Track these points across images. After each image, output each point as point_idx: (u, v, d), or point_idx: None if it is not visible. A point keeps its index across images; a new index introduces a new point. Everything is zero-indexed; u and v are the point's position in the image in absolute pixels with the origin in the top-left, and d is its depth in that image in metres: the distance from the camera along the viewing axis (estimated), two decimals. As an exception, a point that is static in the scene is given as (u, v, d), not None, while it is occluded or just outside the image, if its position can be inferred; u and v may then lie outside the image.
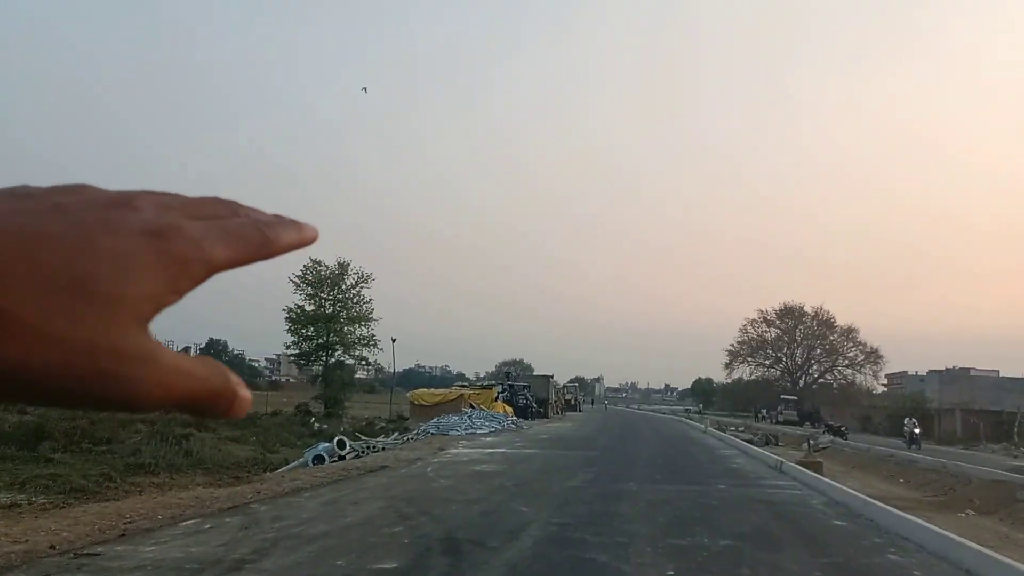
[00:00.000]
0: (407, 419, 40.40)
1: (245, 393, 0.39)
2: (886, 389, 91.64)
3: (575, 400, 72.80)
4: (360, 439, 25.58)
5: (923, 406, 52.64)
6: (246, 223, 0.40)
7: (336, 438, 18.26)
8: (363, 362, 47.14)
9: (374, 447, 23.28)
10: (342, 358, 46.36)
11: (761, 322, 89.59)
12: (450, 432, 27.97)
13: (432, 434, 27.76)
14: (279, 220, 0.42)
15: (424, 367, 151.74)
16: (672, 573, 6.25)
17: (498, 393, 44.19)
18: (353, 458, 18.23)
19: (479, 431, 29.00)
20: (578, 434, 30.33)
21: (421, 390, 47.30)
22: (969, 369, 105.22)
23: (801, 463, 16.12)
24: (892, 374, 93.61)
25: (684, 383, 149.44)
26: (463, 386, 50.42)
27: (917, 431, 33.88)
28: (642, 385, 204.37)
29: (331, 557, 6.75)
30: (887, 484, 18.61)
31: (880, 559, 7.00)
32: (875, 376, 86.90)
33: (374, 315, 46.60)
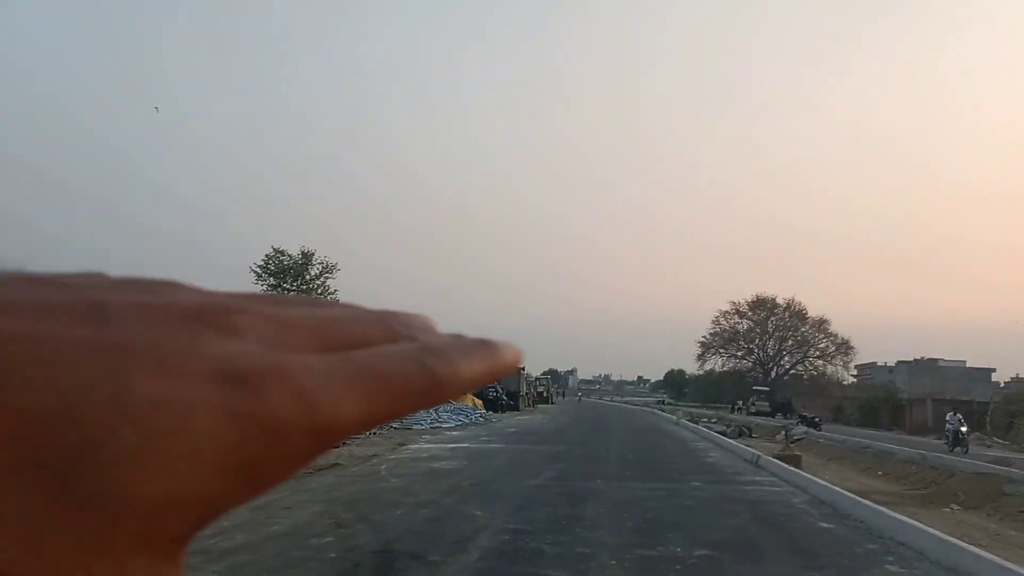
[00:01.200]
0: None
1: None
2: (856, 380, 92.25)
3: (547, 392, 71.95)
4: None
5: (895, 397, 52.55)
6: (405, 355, 0.22)
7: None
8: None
9: None
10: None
11: (734, 314, 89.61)
12: (414, 426, 26.94)
13: (395, 428, 26.72)
14: (458, 345, 0.24)
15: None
16: (639, 595, 5.28)
17: (468, 386, 43.08)
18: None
19: (445, 424, 27.99)
20: (548, 427, 29.43)
21: (388, 383, 46.05)
22: (937, 360, 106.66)
23: (779, 457, 15.31)
24: (862, 365, 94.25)
25: (657, 375, 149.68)
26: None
27: (964, 429, 26.45)
28: (615, 377, 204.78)
29: (237, 578, 5.68)
30: (866, 477, 17.91)
31: (878, 572, 6.08)
32: (846, 367, 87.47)
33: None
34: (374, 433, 25.39)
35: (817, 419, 36.88)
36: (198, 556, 6.39)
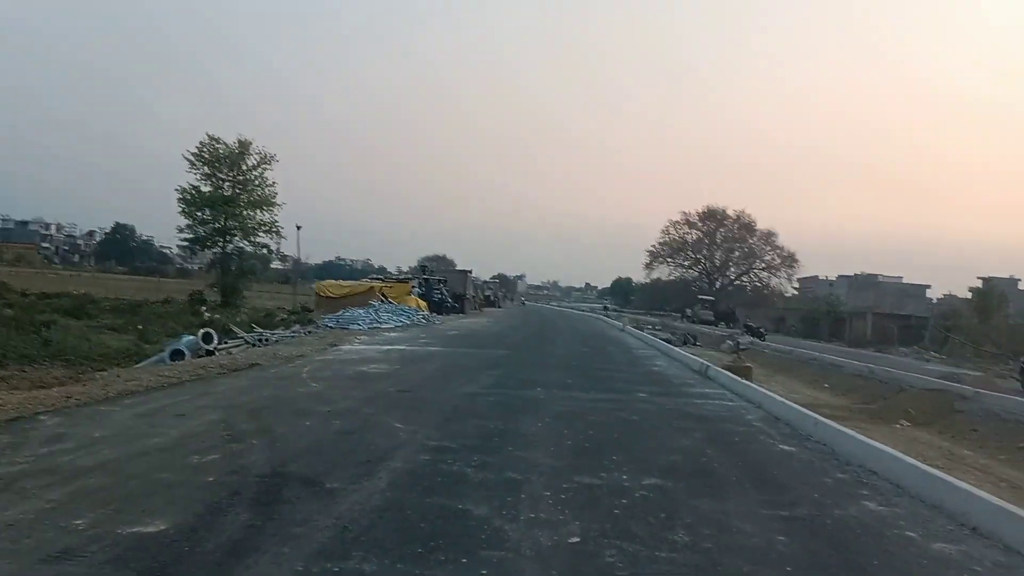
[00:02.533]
0: (311, 311, 37.92)
1: None
2: (797, 292, 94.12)
3: (494, 296, 71.42)
4: (255, 330, 23.32)
5: (836, 309, 53.34)
6: None
7: (203, 331, 15.69)
8: (264, 249, 43.72)
9: (263, 340, 21.01)
10: (241, 244, 42.82)
11: (684, 224, 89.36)
12: (351, 326, 25.77)
13: (331, 328, 25.52)
14: None
15: (345, 260, 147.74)
16: (577, 540, 4.26)
17: (413, 287, 41.87)
18: (227, 353, 15.83)
19: (384, 325, 26.88)
20: (491, 330, 28.59)
21: (328, 281, 44.44)
22: (876, 275, 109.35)
23: (729, 368, 14.63)
24: (803, 278, 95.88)
25: (605, 283, 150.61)
26: (377, 279, 47.85)
27: None
28: (564, 283, 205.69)
29: (77, 509, 4.48)
30: (812, 389, 17.52)
31: (856, 510, 5.21)
32: (789, 279, 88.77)
33: (278, 200, 42.87)
34: (308, 332, 24.22)
35: (762, 329, 36.91)
36: (42, 477, 5.17)
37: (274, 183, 42.90)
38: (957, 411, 12.63)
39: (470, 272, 53.82)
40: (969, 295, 65.12)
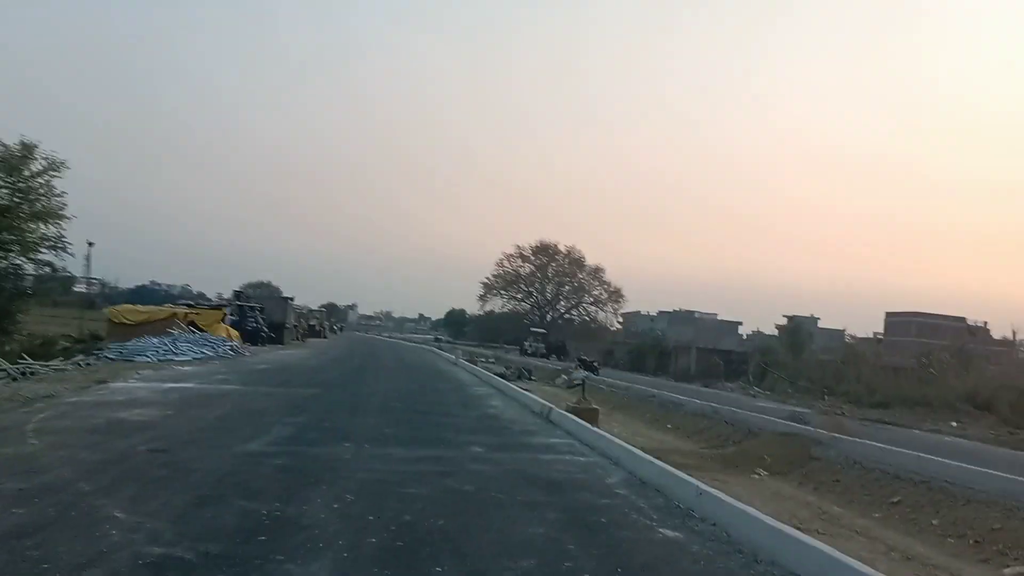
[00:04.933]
0: (102, 339, 32.79)
1: None
2: (621, 326, 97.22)
3: (320, 326, 67.07)
4: (24, 361, 19.15)
5: (661, 344, 54.56)
6: None
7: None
8: (47, 268, 37.61)
9: (28, 372, 17.26)
10: (17, 261, 36.55)
11: (518, 257, 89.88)
12: (137, 358, 21.85)
13: (112, 360, 21.49)
14: None
15: (161, 284, 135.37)
16: None
17: (226, 315, 37.51)
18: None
19: (180, 357, 23.11)
20: (308, 364, 25.54)
21: (124, 306, 38.94)
22: (693, 311, 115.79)
23: (572, 410, 12.90)
24: (626, 312, 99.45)
25: (439, 313, 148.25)
26: (190, 305, 42.76)
27: None
28: (397, 314, 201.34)
29: None
30: (656, 431, 16.27)
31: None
32: (615, 314, 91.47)
33: (66, 212, 37.10)
34: (85, 364, 20.15)
35: (596, 363, 36.28)
36: None
37: (63, 193, 37.14)
38: (814, 458, 11.60)
39: (291, 299, 49.71)
40: (776, 332, 70.03)
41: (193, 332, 30.04)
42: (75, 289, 60.10)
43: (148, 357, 22.25)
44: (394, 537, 4.93)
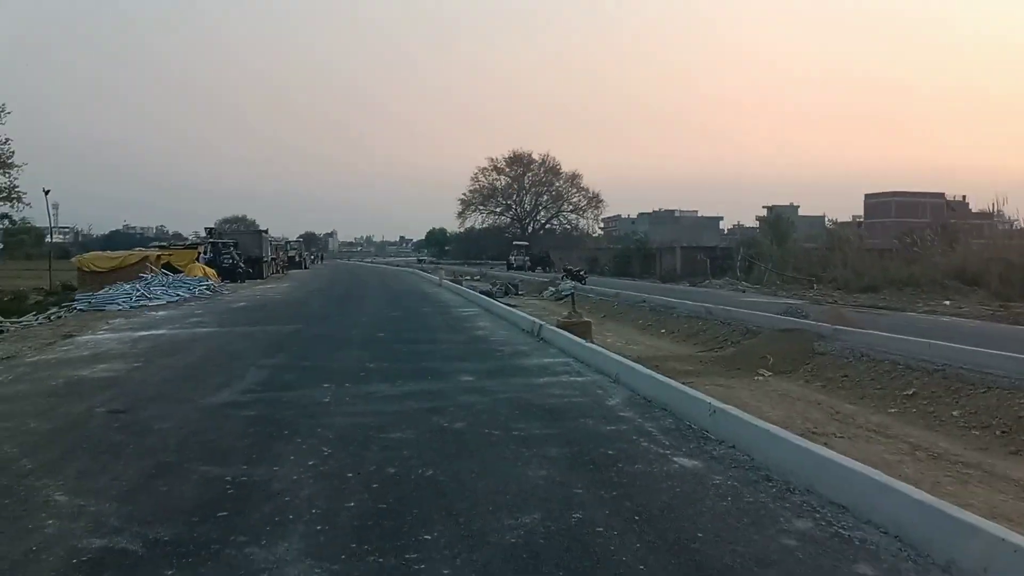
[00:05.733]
0: (74, 290, 31.77)
1: None
2: (603, 232, 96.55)
3: (299, 257, 65.88)
4: None
5: (646, 247, 54.05)
6: None
7: None
8: (4, 220, 36.25)
9: None
10: (-27, 213, 35.17)
11: (492, 170, 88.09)
12: (108, 306, 20.97)
13: (82, 310, 20.61)
14: None
15: (135, 228, 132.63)
16: None
17: (200, 254, 36.34)
18: None
19: (154, 302, 22.26)
20: (289, 298, 24.75)
21: (92, 253, 37.72)
22: (673, 211, 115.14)
23: (564, 326, 12.30)
24: (607, 218, 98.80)
25: (419, 235, 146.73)
26: (162, 247, 41.48)
27: None
28: (378, 238, 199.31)
29: None
30: (650, 337, 15.82)
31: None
32: (596, 220, 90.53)
33: (15, 160, 35.41)
34: (50, 319, 19.28)
35: (583, 272, 35.70)
36: None
37: (7, 140, 35.35)
38: (819, 353, 11.14)
39: (266, 232, 48.39)
40: (757, 224, 69.50)
41: (167, 275, 29.08)
42: (50, 240, 58.43)
43: (119, 305, 21.38)
44: (376, 498, 4.31)
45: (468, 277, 39.44)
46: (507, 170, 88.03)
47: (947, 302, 22.20)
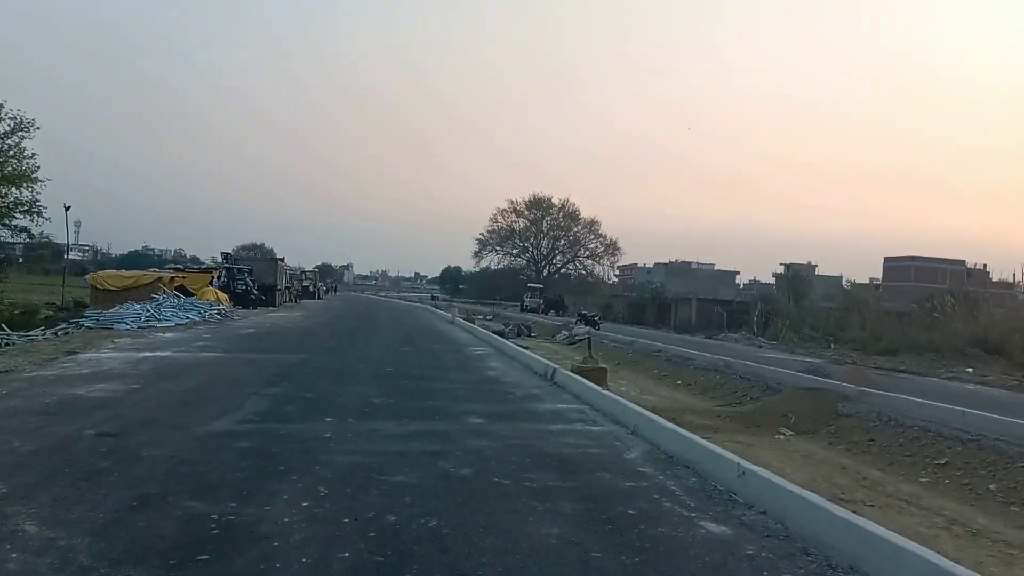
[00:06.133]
0: (85, 307, 31.69)
1: None
2: (618, 279, 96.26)
3: (314, 287, 65.89)
4: (2, 332, 18.40)
5: (661, 296, 53.63)
6: None
7: None
8: (23, 234, 36.28)
9: (7, 342, 16.48)
10: (-5, 228, 35.19)
11: (511, 212, 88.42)
12: (116, 325, 20.78)
13: (90, 328, 20.41)
14: None
15: (154, 249, 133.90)
16: None
17: (215, 278, 36.30)
18: None
19: (163, 324, 22.06)
20: (298, 327, 24.49)
21: (106, 271, 37.85)
22: (690, 262, 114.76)
23: (579, 371, 11.91)
24: (623, 265, 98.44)
25: (435, 271, 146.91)
26: (178, 269, 41.57)
27: None
28: (393, 273, 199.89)
29: None
30: (666, 388, 15.37)
31: None
32: (612, 267, 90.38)
33: (39, 175, 35.58)
34: (56, 335, 19.10)
35: (597, 317, 35.28)
36: None
37: (34, 155, 35.58)
38: (843, 415, 10.67)
39: (282, 260, 48.41)
40: (773, 280, 68.94)
41: (179, 297, 28.97)
42: (68, 256, 58.81)
43: (128, 324, 21.18)
44: (373, 549, 3.92)
45: (481, 316, 39.16)
46: (526, 212, 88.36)
47: (969, 369, 21.58)
